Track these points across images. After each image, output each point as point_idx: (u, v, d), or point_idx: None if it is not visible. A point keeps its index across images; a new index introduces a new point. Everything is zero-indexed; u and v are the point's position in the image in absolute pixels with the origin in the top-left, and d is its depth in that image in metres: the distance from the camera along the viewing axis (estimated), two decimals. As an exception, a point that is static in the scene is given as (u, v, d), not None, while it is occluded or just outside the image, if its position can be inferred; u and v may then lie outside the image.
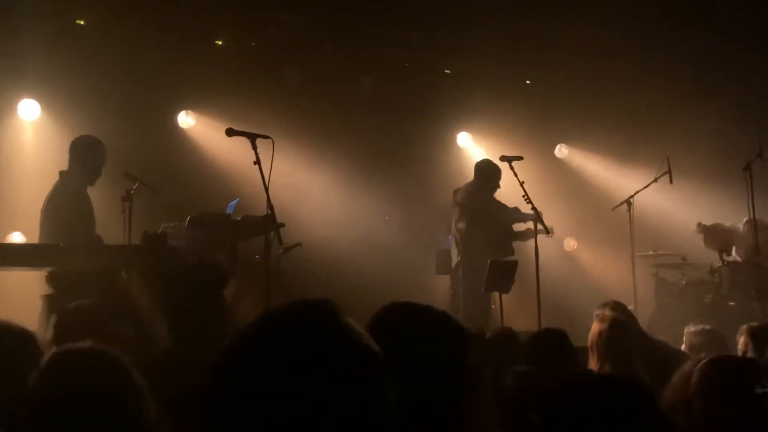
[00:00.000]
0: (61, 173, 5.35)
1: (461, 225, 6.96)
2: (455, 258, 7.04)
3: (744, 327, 3.34)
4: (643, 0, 8.01)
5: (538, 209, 6.23)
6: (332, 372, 1.01)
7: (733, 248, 7.44)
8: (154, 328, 3.10)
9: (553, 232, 6.82)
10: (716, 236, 7.63)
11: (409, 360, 1.62)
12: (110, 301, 3.83)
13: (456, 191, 7.21)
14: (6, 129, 7.34)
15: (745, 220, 7.50)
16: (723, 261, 7.12)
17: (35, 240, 5.32)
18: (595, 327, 3.76)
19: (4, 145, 7.28)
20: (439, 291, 7.88)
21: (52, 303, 4.65)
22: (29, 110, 7.31)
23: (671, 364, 2.79)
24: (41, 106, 7.33)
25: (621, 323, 3.81)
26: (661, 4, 8.05)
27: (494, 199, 7.08)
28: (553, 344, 3.43)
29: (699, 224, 7.70)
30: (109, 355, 1.81)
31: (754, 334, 3.25)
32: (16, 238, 6.73)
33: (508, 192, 7.05)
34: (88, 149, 5.36)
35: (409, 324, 1.72)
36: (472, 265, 6.68)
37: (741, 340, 3.25)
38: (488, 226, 6.86)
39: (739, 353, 3.14)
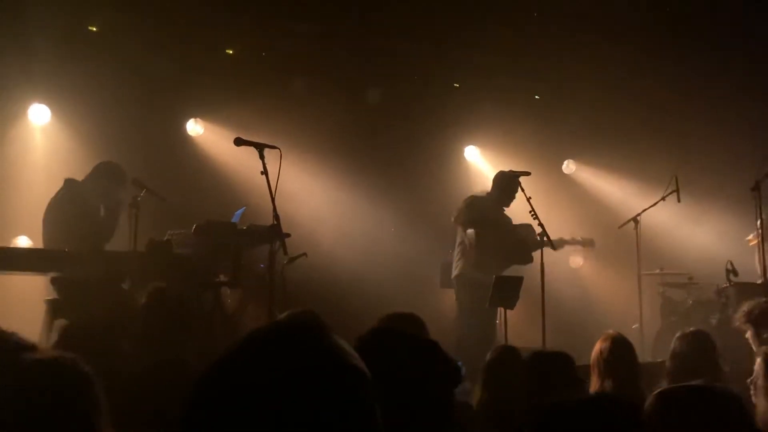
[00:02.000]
0: (67, 181, 5.36)
1: (459, 240, 6.88)
2: (455, 270, 6.93)
3: (763, 348, 3.30)
4: (652, 16, 8.01)
5: (545, 225, 6.19)
6: (317, 391, 1.00)
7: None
8: (151, 338, 3.14)
9: (593, 245, 6.80)
10: None
11: (391, 388, 1.61)
12: (108, 313, 3.85)
13: (463, 207, 7.03)
14: (16, 133, 7.37)
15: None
16: (730, 281, 7.06)
17: (40, 244, 5.33)
18: (597, 345, 3.81)
19: (13, 149, 7.31)
20: (444, 304, 7.85)
21: (56, 307, 4.66)
22: (39, 115, 7.35)
23: None
24: (51, 111, 7.36)
25: (623, 342, 3.82)
26: (669, 21, 8.06)
27: (489, 212, 6.89)
28: (555, 368, 3.41)
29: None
30: (69, 365, 1.84)
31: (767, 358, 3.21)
32: (23, 242, 6.75)
33: (515, 207, 7.02)
34: (110, 173, 5.42)
35: (395, 354, 1.71)
36: (477, 278, 6.63)
37: (758, 362, 3.21)
38: (495, 233, 6.79)
39: (755, 375, 3.10)
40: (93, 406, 1.79)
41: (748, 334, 4.26)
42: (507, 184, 6.83)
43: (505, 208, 6.97)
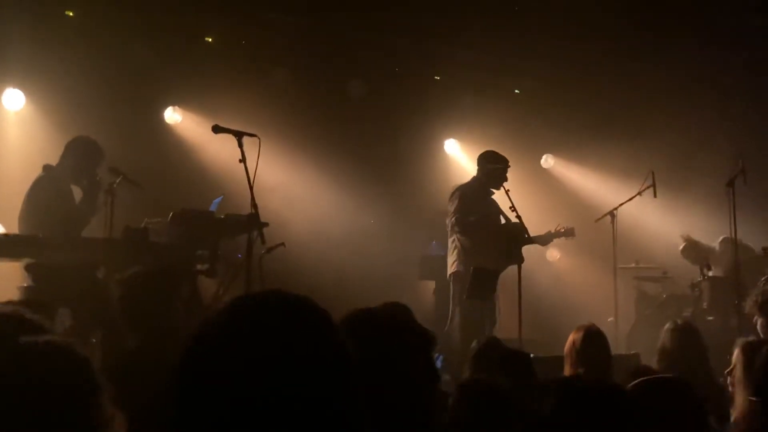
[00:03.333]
0: (45, 167, 5.29)
1: (449, 236, 6.78)
2: (452, 266, 6.70)
3: (741, 340, 3.35)
4: (630, 14, 8.06)
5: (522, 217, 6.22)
6: (303, 364, 0.99)
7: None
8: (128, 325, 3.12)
9: (574, 234, 6.83)
10: (694, 252, 7.70)
11: (375, 364, 1.63)
12: (83, 301, 3.82)
13: (453, 194, 6.80)
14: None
15: (721, 238, 7.57)
16: (704, 276, 7.17)
17: (15, 231, 5.25)
18: (571, 336, 3.87)
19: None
20: (422, 296, 7.88)
21: (30, 294, 4.59)
22: (13, 100, 7.22)
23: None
24: (26, 96, 7.24)
25: (596, 333, 3.86)
26: (647, 19, 8.11)
27: (471, 204, 6.67)
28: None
29: (686, 235, 7.74)
30: (66, 348, 1.80)
31: (744, 349, 3.26)
32: (-5, 228, 6.64)
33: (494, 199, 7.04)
34: (83, 150, 5.31)
35: (375, 331, 1.74)
36: (463, 274, 6.56)
37: (736, 353, 3.26)
38: (468, 233, 6.66)
39: (733, 366, 3.15)
40: (93, 390, 1.75)
41: (759, 323, 4.27)
42: (490, 163, 6.73)
43: (494, 191, 6.74)
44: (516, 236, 6.39)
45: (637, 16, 8.08)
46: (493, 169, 6.68)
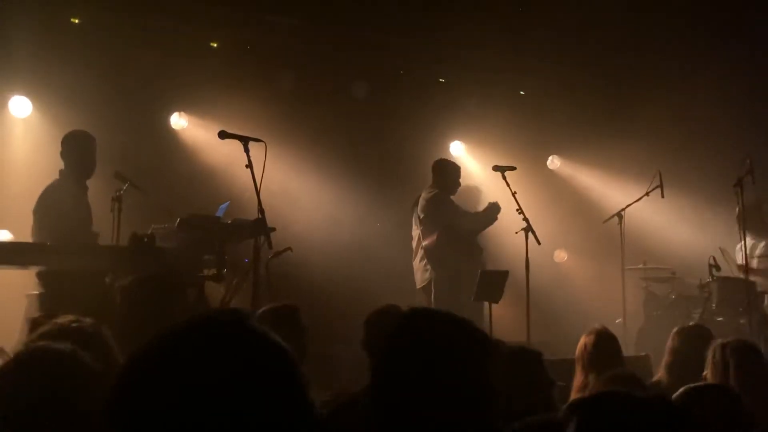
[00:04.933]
0: (61, 171, 5.32)
1: (429, 243, 6.79)
2: (426, 276, 6.76)
3: (719, 341, 3.35)
4: (637, 14, 8.04)
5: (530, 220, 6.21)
6: (241, 371, 0.99)
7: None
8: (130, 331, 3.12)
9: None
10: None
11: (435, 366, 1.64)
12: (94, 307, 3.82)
13: (416, 203, 7.00)
14: (-4, 125, 7.29)
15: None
16: (713, 276, 7.13)
17: (24, 238, 5.27)
18: (582, 339, 3.83)
19: (-7, 142, 7.22)
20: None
21: (41, 301, 4.61)
22: (21, 107, 7.25)
23: None
24: (33, 103, 7.27)
25: (608, 336, 3.83)
26: (653, 19, 8.09)
27: (457, 207, 6.92)
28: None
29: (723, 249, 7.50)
30: (68, 355, 1.81)
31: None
32: (4, 236, 6.67)
33: (500, 202, 7.03)
34: (77, 144, 5.31)
35: (435, 330, 1.75)
36: (448, 280, 6.61)
37: (712, 350, 3.27)
38: (455, 236, 6.74)
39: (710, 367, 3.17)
40: (94, 401, 1.76)
41: None
42: (452, 171, 6.87)
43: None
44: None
45: (644, 13, 8.06)
46: (452, 175, 6.98)
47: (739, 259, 7.17)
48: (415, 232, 7.00)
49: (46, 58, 7.00)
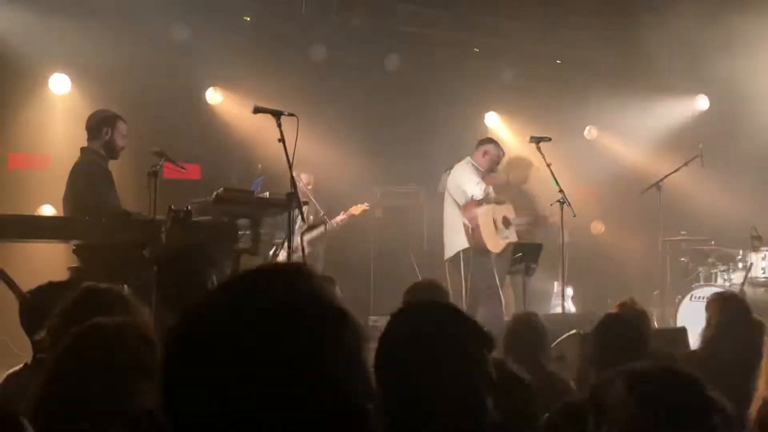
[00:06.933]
0: (83, 149, 5.39)
1: (462, 214, 6.71)
2: (455, 248, 6.65)
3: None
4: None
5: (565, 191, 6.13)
6: (294, 328, 1.00)
7: None
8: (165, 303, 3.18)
9: (540, 224, 6.79)
10: None
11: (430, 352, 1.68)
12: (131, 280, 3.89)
13: (448, 175, 6.93)
14: (37, 102, 7.43)
15: None
16: (754, 247, 7.00)
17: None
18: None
19: (35, 119, 7.37)
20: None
21: (79, 275, 4.72)
22: (60, 84, 7.39)
23: None
24: (71, 80, 7.40)
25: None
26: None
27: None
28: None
29: None
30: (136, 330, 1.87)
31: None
32: (47, 210, 6.84)
33: (535, 173, 6.97)
34: (101, 124, 5.36)
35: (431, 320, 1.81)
36: (480, 253, 6.54)
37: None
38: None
39: None
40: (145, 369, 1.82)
41: None
42: (493, 154, 6.75)
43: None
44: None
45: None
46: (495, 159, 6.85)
47: None
48: (446, 204, 6.93)
49: (85, 35, 7.09)
